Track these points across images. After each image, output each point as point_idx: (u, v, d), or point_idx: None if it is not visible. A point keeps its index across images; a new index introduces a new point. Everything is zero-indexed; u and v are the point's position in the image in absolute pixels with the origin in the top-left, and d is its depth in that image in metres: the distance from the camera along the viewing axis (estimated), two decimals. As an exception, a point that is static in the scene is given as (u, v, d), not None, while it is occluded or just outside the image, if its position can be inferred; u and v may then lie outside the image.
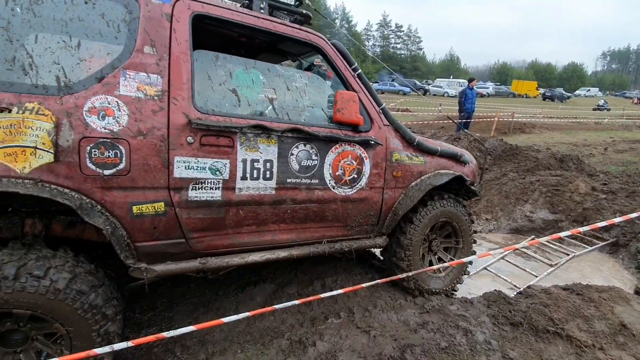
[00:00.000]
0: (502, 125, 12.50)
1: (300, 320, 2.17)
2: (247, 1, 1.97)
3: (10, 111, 1.27)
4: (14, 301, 1.29)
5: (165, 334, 1.34)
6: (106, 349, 1.36)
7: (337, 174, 2.01)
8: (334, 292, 1.77)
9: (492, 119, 12.03)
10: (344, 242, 2.19)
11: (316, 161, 1.94)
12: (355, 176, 2.08)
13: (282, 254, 1.95)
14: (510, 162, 6.31)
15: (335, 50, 2.06)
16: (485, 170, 5.39)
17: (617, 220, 2.37)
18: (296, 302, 1.59)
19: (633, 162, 7.70)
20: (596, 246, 3.96)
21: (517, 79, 52.70)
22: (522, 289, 2.75)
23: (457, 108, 10.41)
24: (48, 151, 1.33)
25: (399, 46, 78.61)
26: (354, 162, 2.06)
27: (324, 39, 2.04)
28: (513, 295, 2.53)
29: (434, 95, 33.41)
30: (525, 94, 42.40)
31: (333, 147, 1.98)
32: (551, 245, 3.95)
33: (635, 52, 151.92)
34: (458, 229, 2.63)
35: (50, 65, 1.37)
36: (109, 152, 1.43)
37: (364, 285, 1.88)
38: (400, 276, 2.24)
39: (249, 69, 1.93)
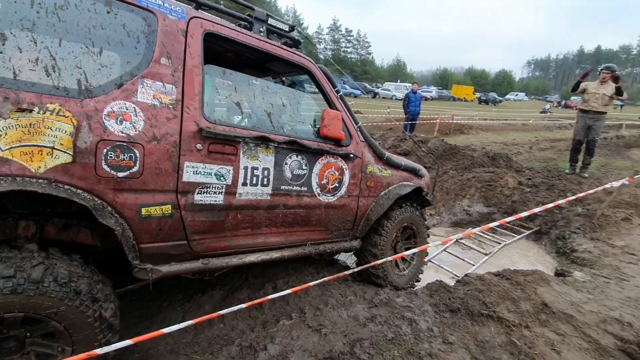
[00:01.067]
0: (443, 126, 13.40)
1: (251, 325, 2.13)
2: (246, 23, 2.12)
3: (31, 111, 1.27)
4: (10, 303, 1.23)
5: (98, 351, 1.24)
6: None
7: (322, 182, 2.23)
8: (282, 293, 1.77)
9: (435, 121, 12.85)
10: (326, 245, 2.40)
11: (306, 170, 2.13)
12: (337, 185, 2.31)
13: (275, 255, 2.10)
14: (450, 161, 6.79)
15: (322, 73, 2.28)
16: (428, 169, 5.74)
17: (536, 210, 2.67)
18: (242, 305, 1.57)
19: (553, 159, 8.70)
20: (523, 235, 4.41)
21: (457, 84, 56.93)
22: (460, 277, 2.98)
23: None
24: (66, 152, 1.35)
25: (349, 50, 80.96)
26: (337, 173, 2.29)
27: (313, 63, 2.25)
28: (452, 284, 2.72)
29: (383, 98, 34.85)
30: (464, 98, 45.93)
31: (320, 159, 2.19)
32: (485, 236, 4.33)
33: (555, 60, 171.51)
34: (417, 231, 2.99)
35: (72, 68, 1.40)
36: (124, 155, 1.48)
37: (311, 284, 1.90)
38: (347, 273, 2.31)
39: (251, 84, 2.18)
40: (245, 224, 1.94)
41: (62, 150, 1.34)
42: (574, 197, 3.01)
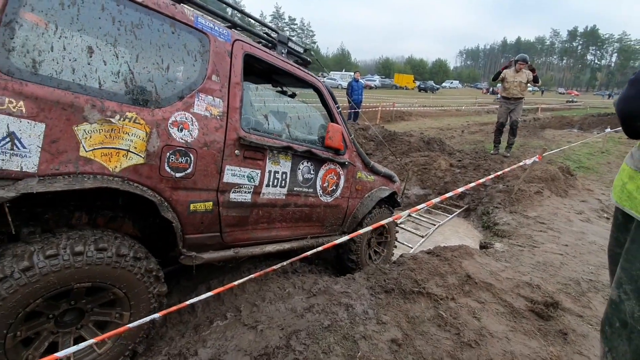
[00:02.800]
0: (385, 114, 13.91)
1: (182, 331, 2.01)
2: (270, 44, 2.44)
3: (114, 119, 1.45)
4: (82, 275, 1.41)
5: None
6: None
7: (324, 185, 2.58)
8: (205, 295, 1.68)
9: (377, 109, 13.27)
10: (322, 238, 2.73)
11: (313, 175, 2.47)
12: (334, 187, 2.67)
13: (286, 245, 2.45)
14: (389, 147, 7.06)
15: (328, 92, 2.61)
16: (370, 156, 5.89)
17: (460, 190, 2.87)
18: (156, 315, 1.45)
19: (481, 141, 9.49)
20: (454, 214, 4.74)
21: (398, 73, 59.30)
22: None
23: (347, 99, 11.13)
24: (138, 154, 1.55)
25: (293, 39, 79.82)
26: (335, 177, 2.66)
27: (321, 82, 2.59)
28: (388, 266, 2.83)
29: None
30: (405, 86, 48.09)
31: (324, 165, 2.54)
32: (421, 218, 4.58)
33: (483, 50, 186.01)
34: (389, 229, 3.37)
35: (146, 81, 1.59)
36: (182, 159, 1.71)
37: (235, 283, 1.84)
38: (275, 267, 2.28)
39: (277, 99, 2.62)
40: (263, 219, 2.25)
41: (135, 153, 1.54)
42: (492, 176, 3.30)
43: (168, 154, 1.64)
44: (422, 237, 4.07)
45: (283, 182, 2.25)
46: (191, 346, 1.87)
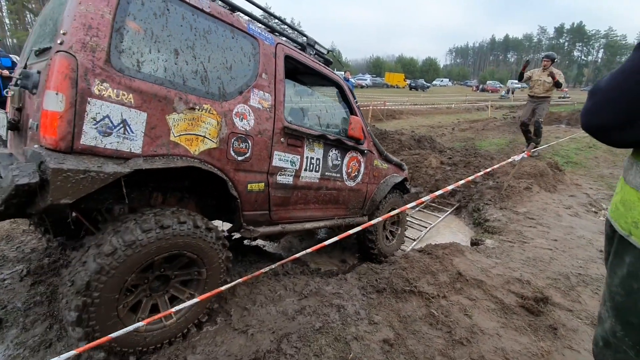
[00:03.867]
0: (377, 112, 13.93)
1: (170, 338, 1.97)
2: (299, 46, 2.69)
3: (194, 109, 1.74)
4: (170, 245, 1.67)
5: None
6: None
7: (348, 171, 2.90)
8: (193, 301, 1.65)
9: (368, 108, 13.29)
10: (347, 219, 3.07)
11: (339, 161, 2.79)
12: (357, 173, 3.00)
13: (320, 224, 2.79)
14: (381, 145, 7.07)
15: (348, 88, 2.91)
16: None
17: (450, 187, 2.87)
18: (140, 323, 1.42)
19: (471, 138, 9.56)
20: (445, 215, 4.75)
21: (389, 72, 59.52)
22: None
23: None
24: (211, 140, 1.84)
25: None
26: (357, 164, 2.99)
27: (343, 80, 2.90)
28: (379, 265, 2.83)
29: (320, 86, 35.08)
30: (396, 85, 48.27)
31: (348, 153, 2.86)
32: (413, 219, 4.58)
33: (472, 48, 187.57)
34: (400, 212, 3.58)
35: (216, 79, 1.88)
36: (243, 144, 2.01)
37: (222, 288, 1.81)
38: (260, 272, 2.26)
39: (313, 94, 3.04)
40: (301, 200, 2.55)
41: (209, 139, 1.83)
42: (482, 173, 3.31)
43: (233, 140, 1.95)
44: (414, 240, 4.07)
45: (317, 167, 2.57)
46: (180, 352, 1.83)
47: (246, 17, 2.23)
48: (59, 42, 1.41)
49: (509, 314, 2.26)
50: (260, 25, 2.33)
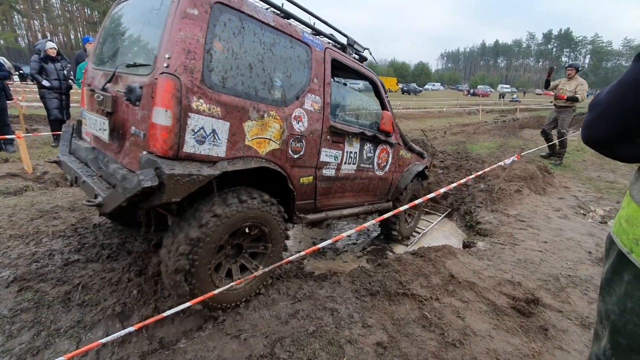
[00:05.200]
0: (369, 116, 13.98)
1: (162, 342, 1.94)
2: (340, 46, 2.90)
3: (264, 116, 1.99)
4: (246, 216, 1.97)
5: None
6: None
7: (378, 162, 3.19)
8: (185, 305, 1.63)
9: (361, 111, 13.34)
10: (375, 205, 3.40)
11: (372, 154, 3.07)
12: (385, 164, 3.31)
13: (355, 210, 3.10)
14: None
15: (381, 84, 3.17)
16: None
17: (442, 190, 2.90)
18: (132, 328, 1.40)
19: (462, 142, 9.66)
20: (439, 219, 4.77)
21: (382, 76, 59.96)
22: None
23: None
24: (275, 142, 2.09)
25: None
26: (386, 155, 3.29)
27: (377, 77, 3.14)
28: (373, 268, 2.83)
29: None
30: (389, 89, 48.63)
31: (379, 145, 3.14)
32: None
33: (463, 53, 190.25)
34: (419, 197, 3.83)
35: (279, 87, 2.09)
36: (298, 144, 2.26)
37: (215, 292, 1.79)
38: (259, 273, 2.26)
39: (353, 94, 3.16)
40: (340, 190, 2.83)
41: (274, 141, 2.08)
42: (474, 176, 3.36)
43: (291, 140, 2.20)
44: (406, 246, 4.08)
45: (354, 160, 2.86)
46: (171, 359, 1.81)
47: (300, 26, 2.39)
48: (165, 65, 1.62)
49: (500, 316, 2.28)
50: (308, 29, 2.53)
